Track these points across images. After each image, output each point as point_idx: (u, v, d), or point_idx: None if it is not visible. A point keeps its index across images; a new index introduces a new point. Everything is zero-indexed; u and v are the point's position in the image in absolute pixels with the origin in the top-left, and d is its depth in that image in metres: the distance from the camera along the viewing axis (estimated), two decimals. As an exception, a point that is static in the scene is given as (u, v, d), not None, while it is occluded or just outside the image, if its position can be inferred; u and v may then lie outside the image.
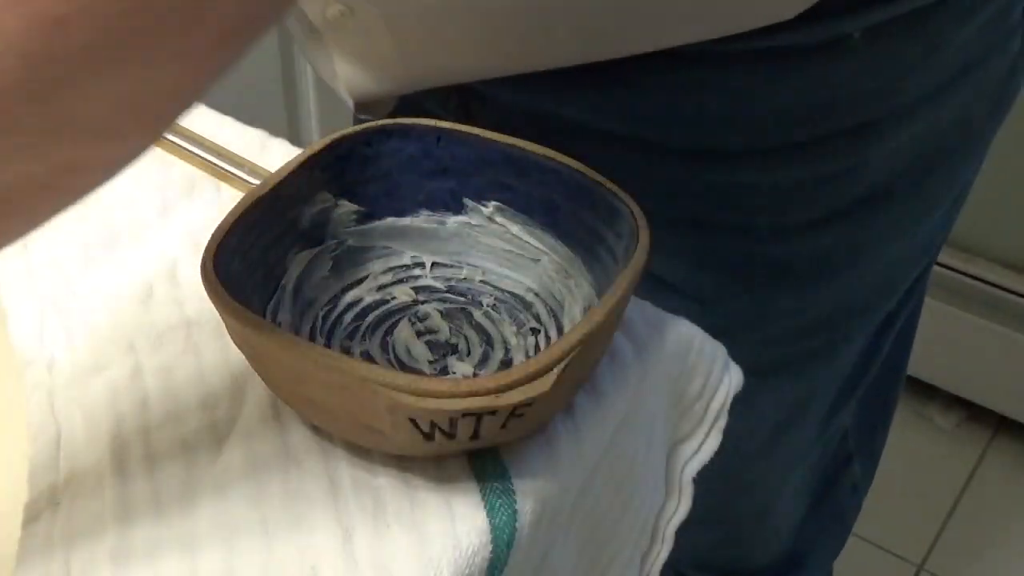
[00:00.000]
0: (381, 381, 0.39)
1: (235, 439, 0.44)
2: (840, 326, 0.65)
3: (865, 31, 0.52)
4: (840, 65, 0.53)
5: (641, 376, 0.48)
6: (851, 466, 0.80)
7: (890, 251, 0.62)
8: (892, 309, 0.69)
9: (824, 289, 0.62)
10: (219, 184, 0.57)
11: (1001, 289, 1.40)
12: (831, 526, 0.85)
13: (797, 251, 0.59)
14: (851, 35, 0.52)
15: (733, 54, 0.52)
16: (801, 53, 0.53)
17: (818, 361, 0.66)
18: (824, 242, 0.59)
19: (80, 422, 0.45)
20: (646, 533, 0.55)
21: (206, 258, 0.43)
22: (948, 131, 0.58)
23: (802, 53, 0.53)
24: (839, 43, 0.52)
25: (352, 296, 0.50)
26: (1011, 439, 1.51)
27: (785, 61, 0.53)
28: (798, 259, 0.60)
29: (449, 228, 0.52)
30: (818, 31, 0.52)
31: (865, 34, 0.52)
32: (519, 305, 0.50)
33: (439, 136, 0.51)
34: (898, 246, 0.62)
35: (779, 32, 0.51)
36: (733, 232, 0.58)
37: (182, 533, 0.41)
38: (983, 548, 1.40)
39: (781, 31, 0.51)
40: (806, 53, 0.53)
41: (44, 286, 0.51)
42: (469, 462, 0.43)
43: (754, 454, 0.70)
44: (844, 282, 0.62)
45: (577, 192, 0.49)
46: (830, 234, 0.59)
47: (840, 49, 0.52)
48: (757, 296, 0.61)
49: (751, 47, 0.52)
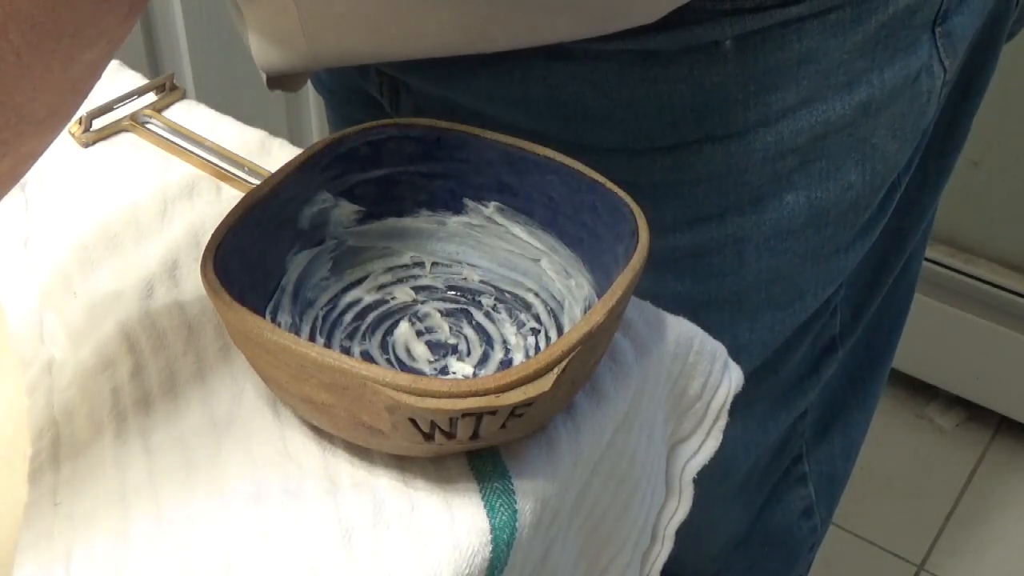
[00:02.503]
0: (381, 381, 0.39)
1: (235, 439, 0.44)
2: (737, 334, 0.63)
3: (736, 39, 0.53)
4: (707, 72, 0.54)
5: (641, 376, 0.48)
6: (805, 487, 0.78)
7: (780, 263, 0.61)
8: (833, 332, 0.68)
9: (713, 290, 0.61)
10: (219, 184, 0.57)
11: (1001, 289, 1.40)
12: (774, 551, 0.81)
13: (678, 245, 0.59)
14: (721, 42, 0.53)
15: (605, 53, 0.53)
16: (669, 57, 0.53)
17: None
18: (704, 241, 0.59)
19: (80, 422, 0.45)
20: (646, 533, 0.55)
21: (206, 258, 0.43)
22: (837, 148, 0.58)
23: (670, 57, 0.53)
24: (706, 50, 0.53)
25: (352, 296, 0.50)
26: (1011, 439, 1.51)
27: (655, 64, 0.53)
28: (679, 254, 0.60)
29: (449, 228, 0.52)
30: (686, 36, 0.52)
31: (736, 42, 0.53)
32: (519, 305, 0.50)
33: (439, 136, 0.51)
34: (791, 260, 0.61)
35: (649, 35, 0.52)
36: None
37: (182, 533, 0.41)
38: (983, 548, 1.40)
39: (651, 34, 0.52)
40: (674, 57, 0.53)
41: (44, 286, 0.51)
42: (469, 462, 0.43)
43: None
44: (731, 285, 0.62)
45: (577, 192, 0.49)
46: (710, 234, 0.59)
47: (707, 56, 0.53)
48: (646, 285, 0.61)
49: (621, 47, 0.53)
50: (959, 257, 1.42)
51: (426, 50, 0.55)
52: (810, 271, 0.63)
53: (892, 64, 0.56)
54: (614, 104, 0.55)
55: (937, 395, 1.54)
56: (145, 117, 0.61)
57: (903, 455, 1.49)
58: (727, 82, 0.54)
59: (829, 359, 0.71)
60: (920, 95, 0.59)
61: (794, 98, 0.55)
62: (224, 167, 0.58)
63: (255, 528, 0.41)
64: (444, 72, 0.56)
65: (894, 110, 0.58)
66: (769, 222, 0.59)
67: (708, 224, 0.59)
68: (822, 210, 0.60)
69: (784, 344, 0.66)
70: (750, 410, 0.68)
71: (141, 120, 0.61)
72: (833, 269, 0.64)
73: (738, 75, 0.54)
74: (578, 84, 0.55)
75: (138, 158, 0.59)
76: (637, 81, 0.54)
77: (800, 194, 0.58)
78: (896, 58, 0.56)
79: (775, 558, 0.83)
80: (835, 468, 0.80)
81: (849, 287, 0.68)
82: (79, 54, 0.36)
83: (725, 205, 0.58)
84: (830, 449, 0.78)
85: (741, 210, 0.58)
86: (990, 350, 1.42)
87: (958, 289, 1.42)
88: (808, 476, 0.78)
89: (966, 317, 1.41)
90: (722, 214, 0.58)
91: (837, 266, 0.64)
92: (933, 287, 1.43)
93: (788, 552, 0.83)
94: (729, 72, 0.54)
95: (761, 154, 0.56)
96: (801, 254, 0.61)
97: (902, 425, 1.53)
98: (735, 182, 0.57)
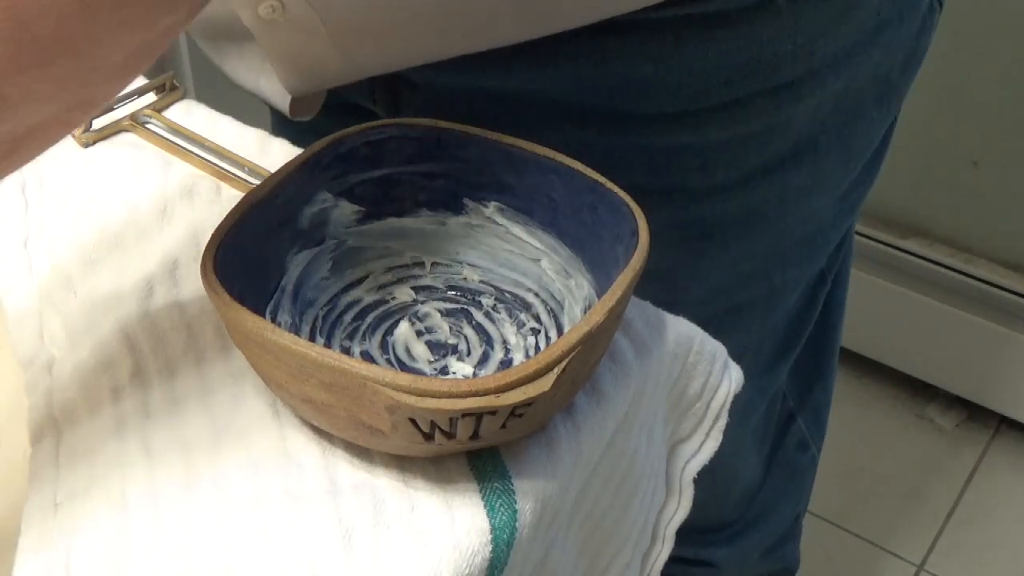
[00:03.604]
0: (381, 381, 0.39)
1: (235, 439, 0.44)
2: (773, 278, 0.67)
3: None
4: (763, 27, 0.55)
5: (641, 376, 0.48)
6: (795, 423, 0.82)
7: (814, 203, 0.64)
8: (824, 266, 0.71)
9: (755, 242, 0.64)
10: (219, 184, 0.57)
11: (1001, 289, 1.40)
12: (787, 483, 0.86)
13: (727, 208, 0.61)
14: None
15: (663, 21, 0.54)
16: (727, 17, 0.55)
17: (754, 314, 0.68)
18: (752, 197, 0.61)
19: (80, 422, 0.45)
20: (646, 533, 0.55)
21: (206, 258, 0.43)
22: (865, 87, 0.61)
23: (728, 17, 0.55)
24: (763, 6, 0.54)
25: (352, 296, 0.50)
26: (1011, 439, 1.51)
27: (711, 25, 0.55)
28: (727, 216, 0.62)
29: (449, 228, 0.52)
30: None
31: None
32: (519, 305, 0.50)
33: (439, 136, 0.51)
34: (822, 198, 0.65)
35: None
36: (664, 194, 0.59)
37: (182, 533, 0.41)
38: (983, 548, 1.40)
39: None
40: (733, 17, 0.55)
41: (44, 286, 0.51)
42: (469, 462, 0.43)
43: None
44: (773, 234, 0.64)
45: (577, 192, 0.49)
46: (758, 189, 0.61)
47: (764, 13, 0.55)
48: (690, 254, 0.63)
49: (682, 13, 0.54)
50: (959, 257, 1.42)
51: (473, 46, 0.55)
52: (836, 207, 0.67)
53: (910, 5, 0.60)
54: (668, 70, 0.56)
55: (937, 395, 1.54)
56: (145, 117, 0.61)
57: (903, 455, 1.49)
58: (780, 35, 0.55)
59: (821, 291, 0.74)
60: (926, 29, 0.63)
61: (836, 46, 0.57)
62: (224, 167, 0.58)
63: (255, 528, 0.41)
64: (479, 62, 0.56)
65: (908, 47, 0.62)
66: (807, 168, 0.62)
67: (755, 180, 0.61)
68: (849, 148, 0.63)
69: None
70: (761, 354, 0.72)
71: (141, 120, 0.61)
72: (852, 202, 0.68)
73: (790, 28, 0.55)
74: (630, 56, 0.55)
75: (138, 158, 0.59)
76: (693, 45, 0.55)
77: (832, 135, 0.61)
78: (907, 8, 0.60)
79: (786, 494, 0.87)
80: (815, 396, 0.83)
81: None
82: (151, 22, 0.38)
83: (771, 158, 0.60)
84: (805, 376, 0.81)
85: (783, 161, 0.60)
86: (990, 350, 1.42)
87: (958, 289, 1.42)
88: (795, 410, 0.81)
89: (966, 317, 1.41)
90: (768, 167, 0.60)
91: (855, 199, 0.68)
92: (933, 287, 1.43)
93: (796, 487, 0.88)
94: (782, 26, 0.55)
95: (806, 101, 0.58)
96: (831, 193, 0.65)
97: (902, 425, 1.53)
98: (782, 134, 0.59)
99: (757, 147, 0.59)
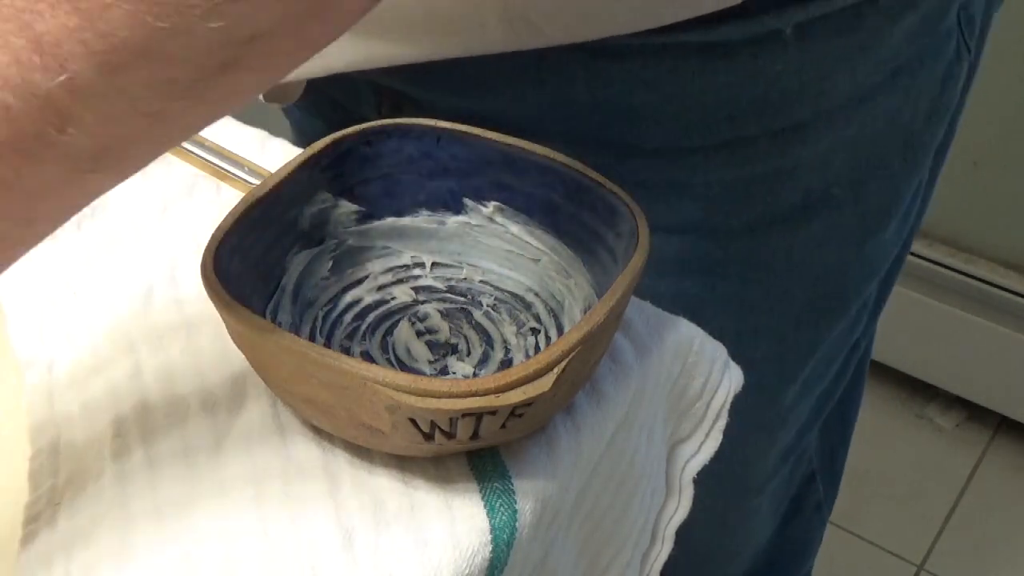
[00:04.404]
0: (381, 381, 0.39)
1: (235, 439, 0.44)
2: (786, 338, 0.63)
3: (796, 27, 0.51)
4: (769, 62, 0.52)
5: (641, 376, 0.48)
6: (814, 483, 0.80)
7: (830, 259, 0.61)
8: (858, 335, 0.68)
9: (760, 294, 0.61)
10: (219, 184, 0.57)
11: (1001, 289, 1.40)
12: (795, 548, 0.84)
13: (731, 254, 0.59)
14: (782, 31, 0.51)
15: (661, 47, 0.52)
16: (730, 48, 0.52)
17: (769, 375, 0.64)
18: (758, 244, 0.58)
19: (80, 422, 0.45)
20: (646, 533, 0.55)
21: (206, 258, 0.43)
22: (882, 138, 0.58)
23: (731, 48, 0.52)
24: (769, 39, 0.52)
25: (352, 296, 0.50)
26: (1011, 439, 1.51)
27: (713, 56, 0.52)
28: (733, 261, 0.59)
29: (449, 228, 0.52)
30: (748, 26, 0.51)
31: (796, 31, 0.51)
32: (519, 305, 0.50)
33: (439, 136, 0.51)
34: (840, 255, 0.61)
35: (708, 26, 0.51)
36: (666, 233, 0.56)
37: (182, 533, 0.41)
38: (983, 548, 1.40)
39: (711, 24, 0.51)
40: (735, 48, 0.52)
41: (44, 286, 0.51)
42: (469, 462, 0.43)
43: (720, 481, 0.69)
44: (781, 288, 0.61)
45: (577, 192, 0.49)
46: (766, 237, 0.58)
47: (770, 46, 0.52)
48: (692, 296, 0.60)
49: (679, 40, 0.51)
50: (959, 257, 1.42)
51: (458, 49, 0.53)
52: (855, 268, 0.63)
53: (932, 50, 0.56)
54: (666, 100, 0.54)
55: (937, 395, 1.54)
56: (145, 117, 0.61)
57: (903, 455, 1.49)
58: (787, 71, 0.53)
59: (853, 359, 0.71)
60: (952, 78, 0.59)
61: (849, 87, 0.54)
62: (224, 167, 0.58)
63: (255, 528, 0.41)
64: (472, 81, 0.55)
65: (931, 96, 0.58)
66: (820, 217, 0.58)
67: (761, 226, 0.58)
68: (867, 202, 0.59)
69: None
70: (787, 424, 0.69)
71: (141, 120, 0.61)
72: (875, 265, 0.64)
73: (797, 65, 0.53)
74: (626, 82, 0.53)
75: (138, 158, 0.59)
76: (693, 75, 0.53)
77: (846, 187, 0.58)
78: (936, 44, 0.56)
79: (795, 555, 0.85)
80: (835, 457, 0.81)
81: None
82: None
83: (779, 206, 0.57)
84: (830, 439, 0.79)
85: (792, 211, 0.57)
86: (990, 350, 1.42)
87: (958, 289, 1.42)
88: (816, 472, 0.79)
89: (966, 317, 1.41)
90: (775, 216, 0.57)
91: (878, 260, 0.64)
92: (933, 287, 1.43)
93: (806, 547, 0.86)
94: (789, 60, 0.52)
95: (815, 146, 0.55)
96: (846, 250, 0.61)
97: (902, 425, 1.53)
98: (788, 178, 0.56)
99: (763, 192, 0.56)
